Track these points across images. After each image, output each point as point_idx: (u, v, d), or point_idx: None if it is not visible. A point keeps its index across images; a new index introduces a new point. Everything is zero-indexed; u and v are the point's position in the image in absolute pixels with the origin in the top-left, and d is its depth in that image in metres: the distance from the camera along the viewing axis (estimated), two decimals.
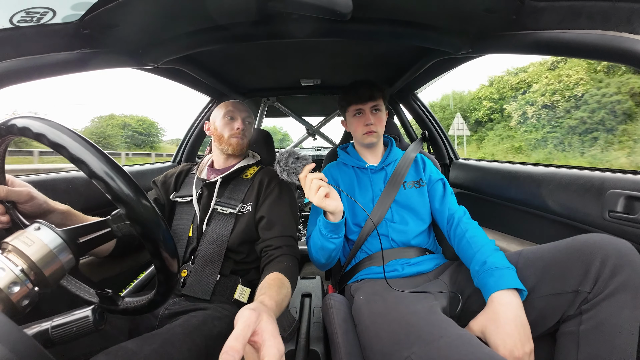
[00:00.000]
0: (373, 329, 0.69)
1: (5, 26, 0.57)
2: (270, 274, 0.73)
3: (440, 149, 1.71)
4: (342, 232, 0.82)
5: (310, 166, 0.75)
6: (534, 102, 18.48)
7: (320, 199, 0.72)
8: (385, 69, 1.46)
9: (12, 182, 0.60)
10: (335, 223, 0.78)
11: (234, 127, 0.98)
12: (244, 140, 1.00)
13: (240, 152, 1.00)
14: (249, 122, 1.03)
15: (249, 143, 1.04)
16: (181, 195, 0.97)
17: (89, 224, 0.49)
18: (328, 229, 0.80)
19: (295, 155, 0.75)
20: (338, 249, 0.86)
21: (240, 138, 0.99)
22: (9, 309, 0.39)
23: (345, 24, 0.80)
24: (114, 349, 0.56)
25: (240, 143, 0.99)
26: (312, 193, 0.72)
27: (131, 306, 0.55)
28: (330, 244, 0.82)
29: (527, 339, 0.61)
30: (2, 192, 0.55)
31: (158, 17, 0.77)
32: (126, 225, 0.47)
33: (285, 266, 0.79)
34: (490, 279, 0.70)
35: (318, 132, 2.41)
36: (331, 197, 0.74)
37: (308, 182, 0.73)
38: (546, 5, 0.65)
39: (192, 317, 0.72)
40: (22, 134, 0.44)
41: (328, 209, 0.75)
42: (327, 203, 0.73)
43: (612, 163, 13.43)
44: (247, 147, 1.03)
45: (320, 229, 0.83)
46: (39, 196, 0.62)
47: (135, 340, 0.61)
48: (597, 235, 0.64)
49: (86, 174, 0.43)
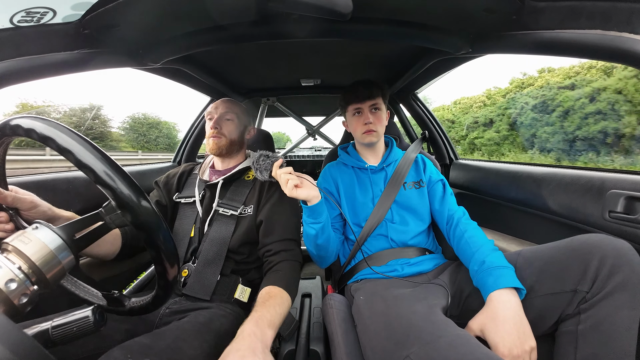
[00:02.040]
0: (373, 329, 0.69)
1: (5, 26, 0.57)
2: (265, 288, 0.75)
3: (441, 149, 1.71)
4: (320, 217, 0.83)
5: (278, 162, 0.80)
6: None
7: (290, 190, 0.76)
8: (385, 69, 1.45)
9: (16, 190, 0.61)
10: (310, 207, 0.81)
11: (209, 127, 0.96)
12: (221, 140, 0.95)
13: (218, 152, 0.96)
14: (227, 118, 0.98)
15: (232, 142, 0.98)
16: (184, 196, 0.97)
17: (83, 218, 0.49)
18: (306, 214, 0.84)
19: (266, 154, 0.83)
20: (324, 239, 0.86)
21: (217, 137, 0.95)
22: (9, 309, 0.39)
23: (345, 24, 0.80)
24: (128, 344, 0.57)
25: (216, 142, 0.95)
26: (284, 186, 0.77)
27: (137, 306, 0.56)
28: (311, 230, 0.84)
29: (526, 337, 0.61)
30: (8, 199, 0.56)
31: (158, 17, 0.77)
32: (118, 215, 0.48)
33: (282, 275, 0.80)
34: (489, 278, 0.70)
35: (318, 132, 2.41)
36: (303, 187, 0.78)
37: (279, 177, 0.78)
38: (546, 5, 0.64)
39: (198, 314, 0.73)
40: (27, 135, 0.44)
41: (300, 198, 0.79)
42: (297, 192, 0.77)
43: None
44: (227, 147, 0.97)
45: (303, 216, 0.86)
46: (42, 204, 0.63)
47: (148, 335, 0.62)
48: (596, 235, 0.64)
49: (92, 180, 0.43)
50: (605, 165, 12.81)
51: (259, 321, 0.61)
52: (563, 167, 1.03)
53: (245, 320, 0.62)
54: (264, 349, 0.56)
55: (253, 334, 0.57)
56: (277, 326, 0.65)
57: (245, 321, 0.62)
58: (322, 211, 0.83)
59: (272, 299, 0.70)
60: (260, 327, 0.60)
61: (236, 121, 1.00)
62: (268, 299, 0.70)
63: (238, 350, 0.53)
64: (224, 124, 0.97)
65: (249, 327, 0.59)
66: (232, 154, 1.01)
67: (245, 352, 0.53)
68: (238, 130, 1.00)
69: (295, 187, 0.77)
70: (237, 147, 1.01)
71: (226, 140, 0.96)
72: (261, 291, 0.74)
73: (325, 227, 0.85)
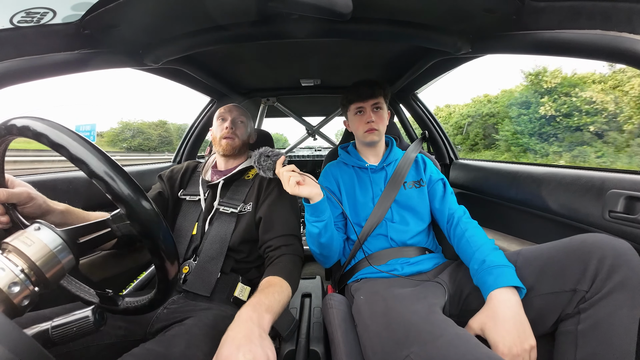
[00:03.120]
0: (373, 328, 0.69)
1: (6, 26, 0.57)
2: (265, 278, 0.75)
3: (441, 149, 1.71)
4: (322, 215, 0.83)
5: (281, 160, 0.80)
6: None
7: (292, 187, 0.76)
8: (385, 69, 1.45)
9: (12, 182, 0.60)
10: (313, 205, 0.81)
11: (224, 127, 0.99)
12: (234, 141, 0.99)
13: (231, 152, 1.00)
14: (241, 121, 1.03)
15: (243, 144, 1.03)
16: (189, 194, 0.99)
17: (89, 224, 0.49)
18: (309, 212, 0.83)
19: (266, 154, 0.82)
20: (327, 237, 0.86)
21: (230, 138, 0.99)
22: (9, 309, 0.39)
23: (345, 24, 0.80)
24: (139, 352, 0.57)
25: (230, 143, 0.99)
26: (286, 183, 0.77)
27: (132, 306, 0.55)
28: (314, 228, 0.84)
29: (526, 336, 0.61)
30: (3, 196, 0.55)
31: (158, 17, 0.77)
32: (126, 225, 0.47)
33: (282, 267, 0.80)
34: (489, 277, 0.70)
35: (318, 132, 2.41)
36: (305, 184, 0.78)
37: (281, 175, 0.78)
38: (546, 5, 0.64)
39: (203, 316, 0.73)
40: (21, 134, 0.44)
41: (302, 195, 0.79)
42: (299, 190, 0.77)
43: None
44: (239, 148, 1.02)
45: (306, 215, 0.86)
46: (38, 197, 0.62)
47: (159, 342, 0.61)
48: (595, 235, 0.64)
49: (86, 174, 0.43)
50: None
51: (257, 306, 0.60)
52: (563, 167, 1.03)
53: (243, 305, 0.61)
54: (260, 334, 0.54)
55: (250, 318, 0.56)
56: (276, 313, 0.64)
57: (243, 306, 0.61)
58: (325, 209, 0.83)
59: (271, 287, 0.70)
60: (258, 311, 0.59)
61: (247, 126, 1.06)
62: (268, 286, 0.70)
63: (234, 338, 0.52)
64: (237, 126, 1.02)
65: (246, 311, 0.58)
66: (238, 155, 1.04)
67: (241, 341, 0.51)
68: (247, 134, 1.05)
69: (297, 185, 0.77)
70: (245, 149, 1.06)
71: (239, 142, 1.01)
72: (261, 282, 0.74)
73: (328, 226, 0.85)
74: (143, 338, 0.73)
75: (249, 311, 0.58)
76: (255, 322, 0.56)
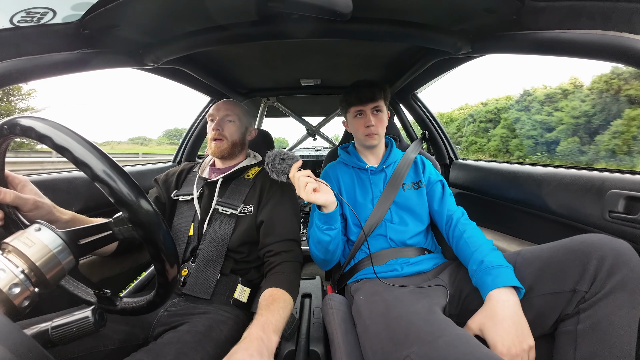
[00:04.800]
0: (373, 329, 0.69)
1: (6, 26, 0.57)
2: (267, 290, 0.75)
3: (441, 149, 1.71)
4: (335, 223, 0.83)
5: (297, 164, 0.78)
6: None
7: (308, 194, 0.74)
8: (385, 69, 1.45)
9: (22, 186, 0.59)
10: (327, 214, 0.80)
11: (211, 129, 0.96)
12: (222, 143, 0.95)
13: (219, 155, 0.97)
14: (229, 120, 0.97)
15: (233, 145, 0.98)
16: (182, 194, 0.97)
17: (90, 227, 0.49)
18: (322, 220, 0.82)
19: (281, 157, 0.79)
20: (335, 244, 0.86)
21: (219, 140, 0.95)
22: (9, 309, 0.39)
23: (345, 24, 0.80)
24: None
25: (218, 146, 0.95)
26: (301, 190, 0.75)
27: (129, 307, 0.55)
28: (325, 236, 0.83)
29: (524, 336, 0.61)
30: (9, 197, 0.54)
31: (158, 17, 0.77)
32: (128, 228, 0.47)
33: (284, 277, 0.80)
34: (487, 277, 0.70)
35: (318, 132, 2.41)
36: (321, 191, 0.77)
37: (296, 180, 0.76)
38: (546, 5, 0.64)
39: (197, 322, 0.72)
40: (24, 135, 0.44)
41: (318, 203, 0.77)
42: (316, 197, 0.75)
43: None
44: (228, 150, 0.97)
45: (316, 222, 0.85)
46: (44, 205, 0.61)
47: (148, 351, 0.61)
48: (595, 235, 0.64)
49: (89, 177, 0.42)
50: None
51: (265, 326, 0.62)
52: (563, 167, 1.03)
53: (251, 324, 0.62)
54: (269, 355, 0.57)
55: (260, 338, 0.58)
56: (281, 331, 0.66)
57: (251, 324, 0.62)
58: (338, 217, 0.83)
59: (275, 302, 0.70)
60: (267, 332, 0.61)
61: (238, 122, 1.00)
62: (272, 302, 0.70)
63: (247, 349, 0.55)
64: (225, 126, 0.97)
65: (256, 331, 0.60)
66: (234, 156, 1.01)
67: (254, 352, 0.54)
68: (240, 131, 1.00)
69: (313, 192, 0.75)
70: (239, 148, 1.01)
71: (228, 144, 0.97)
72: (264, 293, 0.74)
73: (339, 233, 0.85)
74: (145, 342, 0.73)
75: (258, 331, 0.60)
76: (264, 343, 0.58)
